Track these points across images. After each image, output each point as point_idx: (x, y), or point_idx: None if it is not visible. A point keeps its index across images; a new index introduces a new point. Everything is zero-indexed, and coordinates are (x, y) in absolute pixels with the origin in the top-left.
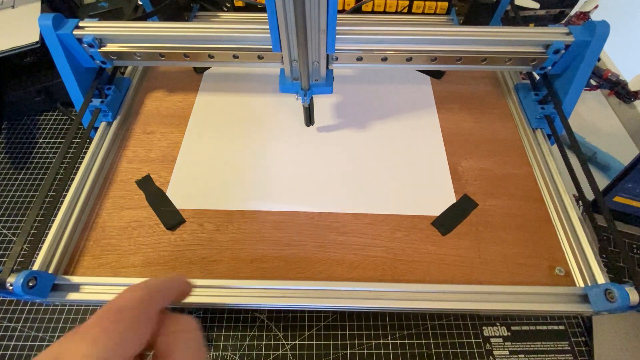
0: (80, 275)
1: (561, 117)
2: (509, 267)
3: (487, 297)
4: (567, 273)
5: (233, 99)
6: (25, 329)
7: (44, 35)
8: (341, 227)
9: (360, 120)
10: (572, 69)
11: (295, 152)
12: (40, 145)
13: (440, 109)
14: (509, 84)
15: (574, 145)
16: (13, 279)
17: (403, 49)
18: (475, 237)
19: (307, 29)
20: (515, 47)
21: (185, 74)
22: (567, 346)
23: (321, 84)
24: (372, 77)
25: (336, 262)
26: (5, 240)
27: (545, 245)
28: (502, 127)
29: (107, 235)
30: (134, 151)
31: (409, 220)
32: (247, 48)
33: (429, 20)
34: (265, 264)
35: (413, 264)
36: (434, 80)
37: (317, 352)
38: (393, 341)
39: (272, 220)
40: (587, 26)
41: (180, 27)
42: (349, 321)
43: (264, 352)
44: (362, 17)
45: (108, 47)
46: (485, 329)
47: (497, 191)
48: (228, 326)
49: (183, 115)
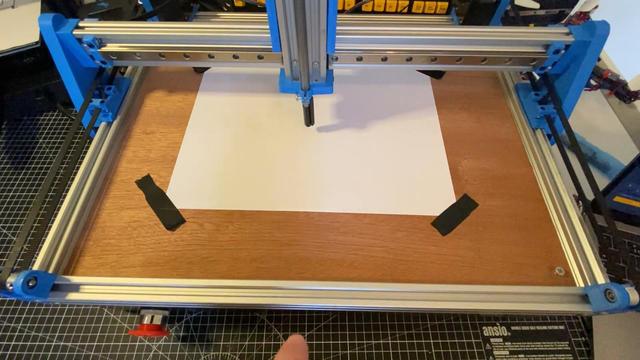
0: (80, 275)
1: (561, 117)
2: (509, 267)
3: (487, 297)
4: (567, 273)
5: (233, 99)
6: (25, 329)
7: (44, 35)
8: (341, 227)
9: (360, 120)
10: (572, 69)
11: (295, 152)
12: (40, 145)
13: (440, 109)
14: (509, 84)
15: (574, 145)
16: (13, 279)
17: (403, 49)
18: (475, 237)
19: (307, 29)
20: (515, 47)
21: (185, 74)
22: (567, 346)
23: (321, 84)
24: (372, 77)
25: (336, 262)
26: (5, 240)
27: (545, 245)
28: (502, 127)
29: (107, 235)
30: (134, 151)
31: (409, 220)
32: (247, 48)
33: (429, 20)
34: (265, 264)
35: (413, 264)
36: (434, 80)
37: (317, 352)
38: (393, 341)
39: (272, 220)
40: (587, 26)
41: (180, 27)
42: (349, 321)
43: (264, 352)
44: (362, 17)
45: (108, 47)
46: (485, 329)
47: (497, 191)
48: (228, 326)
49: (183, 115)
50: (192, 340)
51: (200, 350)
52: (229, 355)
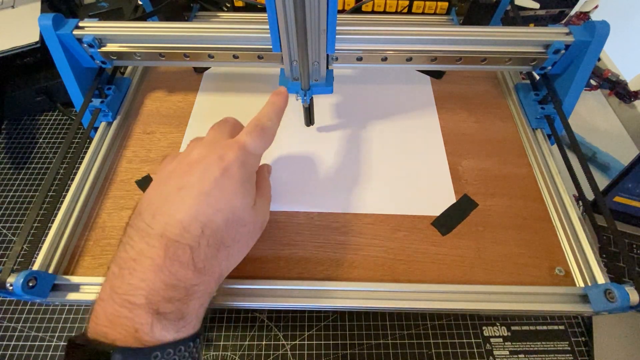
0: (80, 275)
1: (561, 117)
2: (509, 267)
3: (487, 297)
4: (567, 273)
5: (233, 99)
6: (25, 329)
7: (44, 35)
8: (341, 227)
9: (360, 120)
10: (572, 69)
11: (295, 152)
12: (40, 145)
13: (440, 109)
14: (509, 84)
15: (574, 145)
16: (13, 279)
17: (403, 49)
18: (475, 237)
19: (307, 29)
20: (515, 47)
21: (185, 74)
22: (567, 346)
23: (321, 84)
24: (372, 77)
25: (336, 262)
26: (5, 240)
27: (545, 245)
28: (502, 127)
29: (107, 235)
30: (134, 151)
31: (409, 220)
32: (247, 48)
33: (429, 20)
34: (265, 264)
35: (413, 264)
36: (434, 80)
37: (317, 352)
38: (393, 341)
39: (272, 220)
40: (587, 26)
41: (180, 27)
42: (349, 321)
43: (264, 352)
44: (362, 17)
45: (108, 47)
46: (485, 329)
47: (497, 191)
48: (228, 326)
49: (183, 115)
50: None
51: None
52: (229, 355)
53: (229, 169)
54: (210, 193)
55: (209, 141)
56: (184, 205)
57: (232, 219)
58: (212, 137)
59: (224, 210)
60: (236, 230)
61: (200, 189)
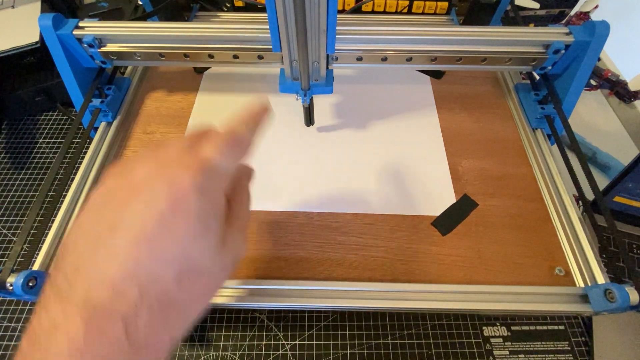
0: None
1: (561, 117)
2: (509, 267)
3: (487, 297)
4: (567, 273)
5: (233, 99)
6: (25, 329)
7: (44, 35)
8: (341, 227)
9: (360, 120)
10: (572, 69)
11: (295, 152)
12: (40, 145)
13: (440, 109)
14: (509, 84)
15: (574, 145)
16: (13, 279)
17: (403, 49)
18: (475, 237)
19: (307, 29)
20: (515, 47)
21: (185, 74)
22: (567, 346)
23: (321, 84)
24: (372, 77)
25: (336, 262)
26: (5, 240)
27: (545, 245)
28: (502, 127)
29: None
30: (134, 151)
31: (409, 220)
32: (247, 48)
33: (429, 20)
34: (265, 264)
35: (413, 264)
36: (434, 80)
37: (317, 352)
38: (393, 341)
39: (272, 220)
40: (587, 26)
41: (180, 27)
42: (349, 321)
43: (264, 352)
44: (362, 17)
45: (108, 47)
46: (485, 329)
47: (497, 191)
48: (228, 326)
49: (183, 115)
50: (192, 340)
51: (200, 350)
52: (229, 355)
53: (182, 200)
54: (153, 237)
55: (163, 153)
56: (117, 256)
57: (186, 272)
58: (171, 149)
59: (173, 261)
60: (192, 284)
61: (139, 232)
